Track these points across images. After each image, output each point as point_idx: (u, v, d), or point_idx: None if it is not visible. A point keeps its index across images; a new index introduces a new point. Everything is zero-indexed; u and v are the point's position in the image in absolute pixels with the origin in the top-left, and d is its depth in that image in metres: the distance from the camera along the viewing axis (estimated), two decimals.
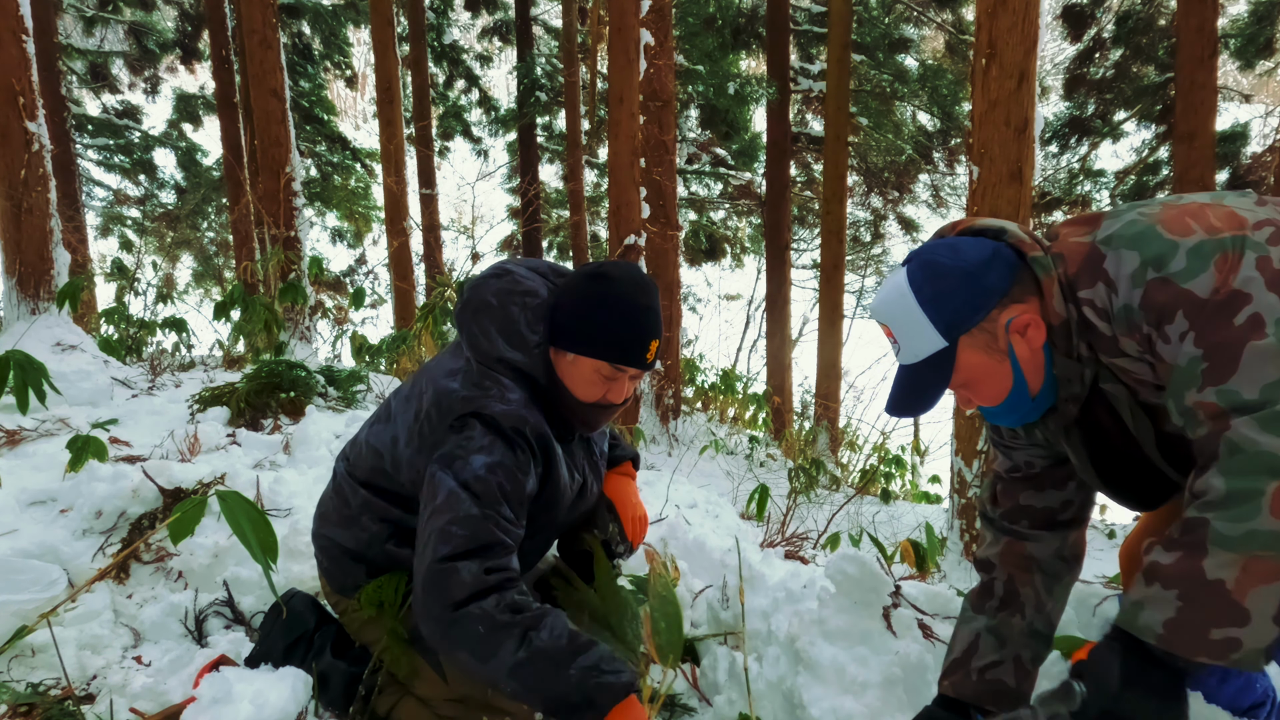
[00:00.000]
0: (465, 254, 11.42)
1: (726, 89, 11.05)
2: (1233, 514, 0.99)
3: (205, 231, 15.03)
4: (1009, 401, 1.26)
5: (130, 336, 5.39)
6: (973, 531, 4.69)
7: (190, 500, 1.55)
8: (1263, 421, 0.99)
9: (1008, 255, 1.23)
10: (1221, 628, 0.99)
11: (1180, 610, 1.02)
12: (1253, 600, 0.97)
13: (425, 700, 1.63)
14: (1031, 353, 1.21)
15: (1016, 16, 4.20)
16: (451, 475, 1.41)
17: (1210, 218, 1.12)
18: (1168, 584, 1.03)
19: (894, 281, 1.26)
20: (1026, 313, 1.20)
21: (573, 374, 1.53)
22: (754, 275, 15.96)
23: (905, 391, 1.27)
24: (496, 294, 1.56)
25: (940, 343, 1.22)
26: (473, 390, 1.49)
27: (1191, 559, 1.01)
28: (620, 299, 1.49)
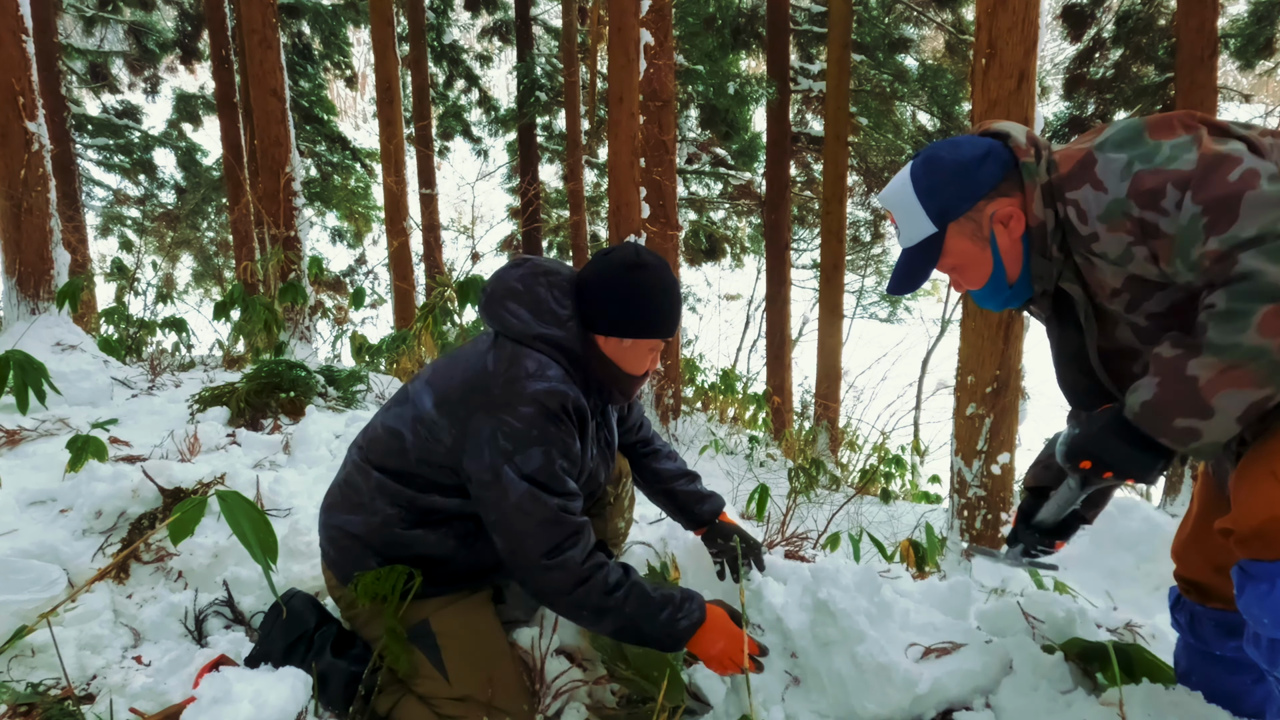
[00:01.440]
0: (465, 254, 11.41)
1: (726, 89, 11.05)
2: (1225, 326, 1.12)
3: (205, 231, 15.03)
4: (990, 286, 1.41)
5: (130, 336, 5.38)
6: (973, 531, 4.69)
7: (190, 500, 1.55)
8: (1268, 253, 1.09)
9: (1002, 154, 1.37)
10: (1185, 418, 1.17)
11: (1155, 395, 1.20)
12: (1220, 400, 1.14)
13: (426, 699, 1.63)
14: (1011, 243, 1.36)
15: (1016, 16, 4.20)
16: (516, 472, 1.51)
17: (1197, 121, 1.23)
18: (1156, 372, 1.21)
19: (900, 173, 1.43)
20: (1010, 206, 1.35)
21: (628, 355, 1.67)
22: (754, 275, 15.95)
23: (901, 272, 1.43)
24: (520, 279, 1.65)
25: (931, 228, 1.38)
26: (510, 369, 1.56)
27: (1182, 357, 1.17)
28: (661, 284, 1.66)
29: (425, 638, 1.65)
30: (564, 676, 1.74)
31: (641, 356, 1.69)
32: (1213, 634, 1.54)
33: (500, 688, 1.62)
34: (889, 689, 1.66)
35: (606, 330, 1.64)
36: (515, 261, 1.71)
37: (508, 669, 1.66)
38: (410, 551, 1.65)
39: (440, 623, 1.66)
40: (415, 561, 1.66)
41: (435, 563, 1.67)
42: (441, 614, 1.67)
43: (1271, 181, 1.12)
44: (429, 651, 1.64)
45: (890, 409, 12.14)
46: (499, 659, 1.67)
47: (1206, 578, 1.52)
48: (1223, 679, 1.56)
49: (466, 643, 1.66)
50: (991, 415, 4.56)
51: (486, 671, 1.63)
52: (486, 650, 1.67)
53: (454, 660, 1.63)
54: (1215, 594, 1.51)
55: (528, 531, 1.51)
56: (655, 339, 1.67)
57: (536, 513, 1.51)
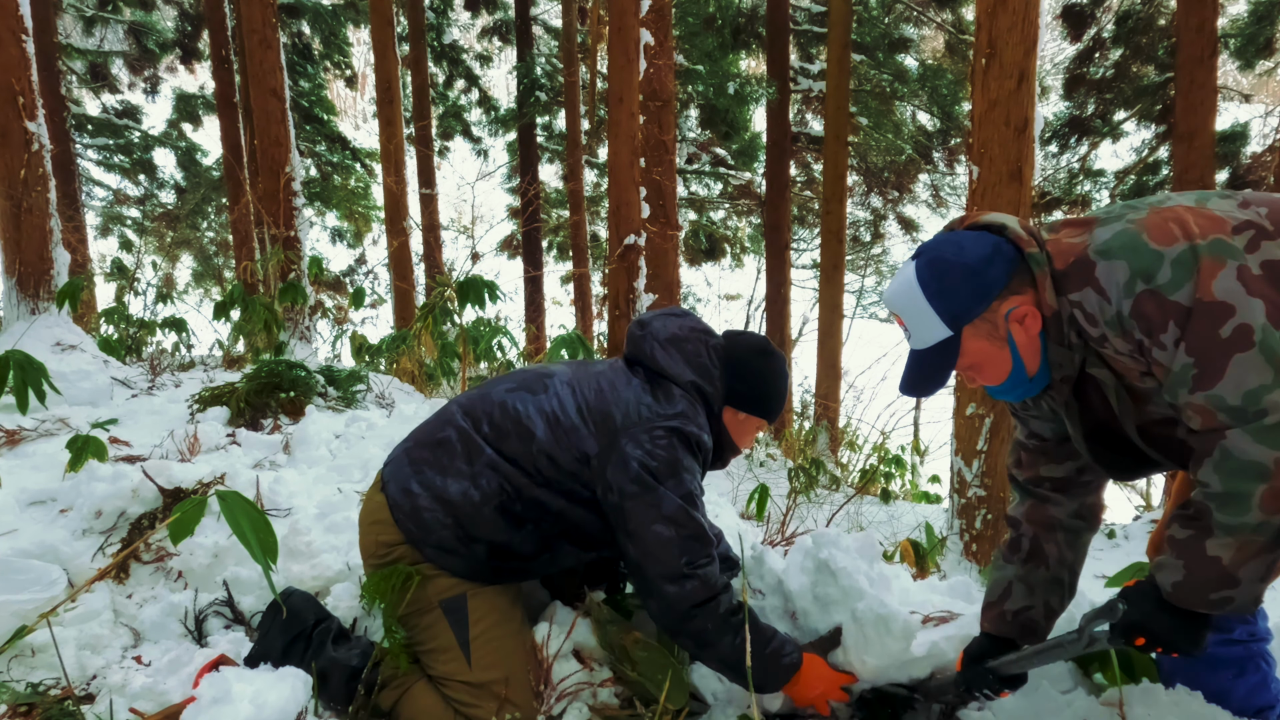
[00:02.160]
0: (465, 254, 11.41)
1: (726, 89, 11.04)
2: (1229, 510, 1.19)
3: (205, 231, 15.02)
4: (1009, 381, 1.41)
5: (130, 336, 5.38)
6: (973, 531, 4.69)
7: (190, 500, 1.55)
8: (1254, 434, 1.15)
9: (1007, 250, 1.35)
10: (1218, 591, 1.23)
11: (1185, 577, 1.25)
12: (1245, 572, 1.21)
13: (442, 679, 1.64)
14: (1029, 339, 1.35)
15: (1016, 16, 4.20)
16: (671, 491, 1.61)
17: (1191, 223, 1.23)
18: (1178, 555, 1.25)
19: (904, 275, 1.40)
20: (1024, 304, 1.33)
21: (741, 429, 1.84)
22: (754, 275, 15.94)
23: (915, 374, 1.41)
24: (682, 329, 1.80)
25: (946, 332, 1.36)
26: (668, 406, 1.68)
27: (1198, 540, 1.23)
28: (785, 373, 1.86)
29: (458, 611, 1.65)
30: (570, 678, 1.74)
31: (749, 433, 1.85)
32: None
33: (514, 684, 1.64)
34: (888, 639, 1.68)
35: (738, 404, 1.80)
36: (678, 311, 1.86)
37: (524, 665, 1.68)
38: (494, 535, 1.65)
39: (476, 600, 1.67)
40: (491, 546, 1.65)
41: (507, 553, 1.67)
42: (480, 591, 1.68)
43: (1263, 335, 1.14)
44: (457, 627, 1.64)
45: (890, 409, 12.12)
46: (519, 653, 1.69)
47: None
48: (1205, 677, 1.58)
49: (495, 628, 1.67)
50: (991, 415, 4.56)
51: (507, 663, 1.65)
52: (511, 641, 1.69)
53: (479, 642, 1.64)
54: None
55: (675, 541, 1.58)
56: (766, 420, 1.84)
57: (688, 525, 1.60)
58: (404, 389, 4.62)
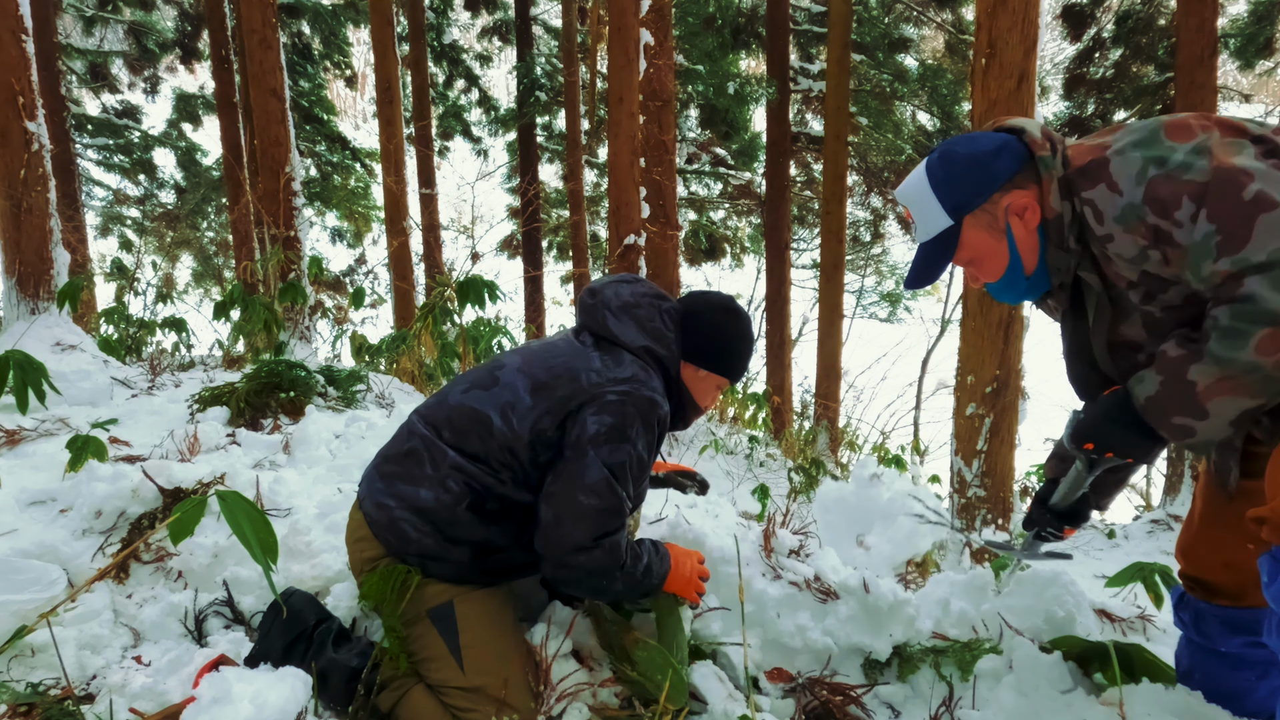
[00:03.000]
0: (465, 254, 11.41)
1: (726, 89, 11.04)
2: (1226, 342, 1.18)
3: (205, 231, 15.03)
4: (1006, 277, 1.43)
5: (130, 336, 5.38)
6: (973, 531, 4.69)
7: (190, 500, 1.55)
8: (1271, 280, 1.14)
9: (1016, 148, 1.39)
10: (1182, 416, 1.25)
11: (1158, 391, 1.27)
12: (1214, 405, 1.21)
13: (438, 686, 1.63)
14: (1027, 233, 1.38)
15: (1016, 16, 4.20)
16: (600, 459, 1.60)
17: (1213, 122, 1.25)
18: (1160, 370, 1.27)
19: (917, 168, 1.45)
20: (1025, 199, 1.37)
21: (701, 387, 1.83)
22: (754, 275, 15.96)
23: (919, 265, 1.45)
24: (634, 294, 1.79)
25: (947, 221, 1.40)
26: (618, 370, 1.67)
27: (1185, 360, 1.24)
28: (748, 334, 1.85)
29: (446, 619, 1.65)
30: (570, 678, 1.74)
31: (710, 392, 1.84)
32: (1218, 631, 1.54)
33: (511, 685, 1.63)
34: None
35: (697, 360, 1.80)
36: (629, 278, 1.83)
37: (520, 666, 1.67)
38: (472, 535, 1.65)
39: (464, 605, 1.66)
40: (473, 546, 1.66)
41: (490, 549, 1.68)
42: (467, 597, 1.67)
43: None
44: (447, 635, 1.64)
45: (890, 409, 12.15)
46: (514, 654, 1.68)
47: (1213, 574, 1.52)
48: (1226, 676, 1.57)
49: (485, 632, 1.66)
50: (991, 415, 4.57)
51: (502, 666, 1.64)
52: (504, 643, 1.68)
53: (471, 648, 1.64)
54: (1221, 591, 1.51)
55: (588, 511, 1.59)
56: (727, 379, 1.83)
57: (605, 499, 1.59)
58: (404, 389, 4.61)
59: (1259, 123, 1.29)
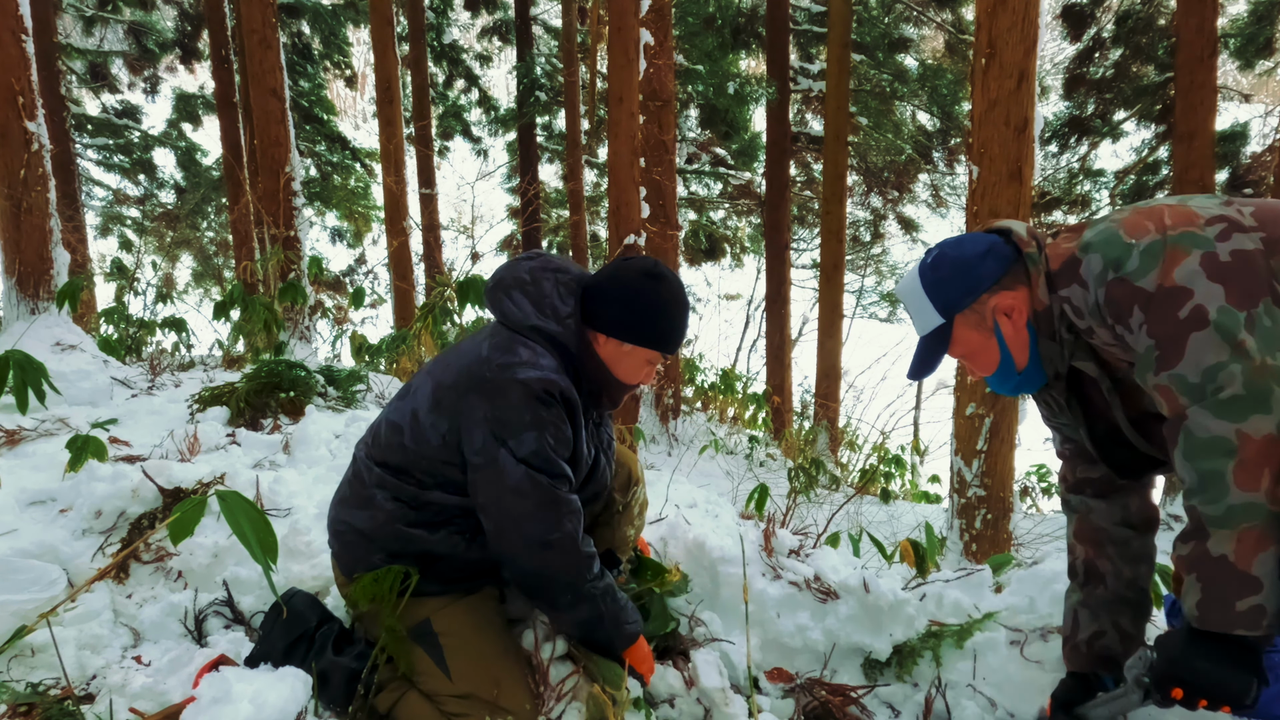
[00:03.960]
0: (465, 254, 11.41)
1: (726, 89, 11.04)
2: (1209, 496, 1.17)
3: (205, 231, 15.03)
4: (999, 372, 1.49)
5: (130, 336, 5.38)
6: (972, 531, 4.69)
7: (190, 500, 1.54)
8: (1212, 408, 1.16)
9: (1003, 250, 1.45)
10: (1243, 599, 1.16)
11: (1204, 591, 1.19)
12: (1258, 567, 1.15)
13: (430, 695, 1.63)
14: (1015, 331, 1.44)
15: (1016, 16, 4.20)
16: (511, 455, 1.52)
17: (1165, 217, 1.29)
18: (1189, 570, 1.21)
19: (911, 269, 1.53)
20: (1013, 299, 1.43)
21: (624, 360, 1.68)
22: (754, 275, 15.96)
23: (918, 359, 1.53)
24: (529, 271, 1.67)
25: (939, 319, 1.47)
26: (504, 356, 1.56)
27: (1199, 544, 1.19)
28: (675, 300, 1.68)
29: (427, 637, 1.65)
30: (569, 679, 1.73)
31: (638, 366, 1.69)
32: None
33: (504, 687, 1.62)
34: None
35: (608, 330, 1.65)
36: (528, 254, 1.72)
37: (511, 667, 1.66)
38: (415, 548, 1.65)
39: (441, 622, 1.66)
40: (420, 558, 1.65)
41: (439, 560, 1.67)
42: (443, 613, 1.67)
43: (1219, 315, 1.18)
44: (431, 650, 1.64)
45: (890, 409, 12.14)
46: (502, 657, 1.67)
47: None
48: None
49: (469, 640, 1.65)
50: (991, 415, 4.56)
51: (490, 669, 1.63)
52: (490, 648, 1.67)
53: (457, 658, 1.63)
54: None
55: (526, 514, 1.54)
56: (656, 351, 1.68)
57: (534, 494, 1.53)
58: None
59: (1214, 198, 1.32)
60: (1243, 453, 1.14)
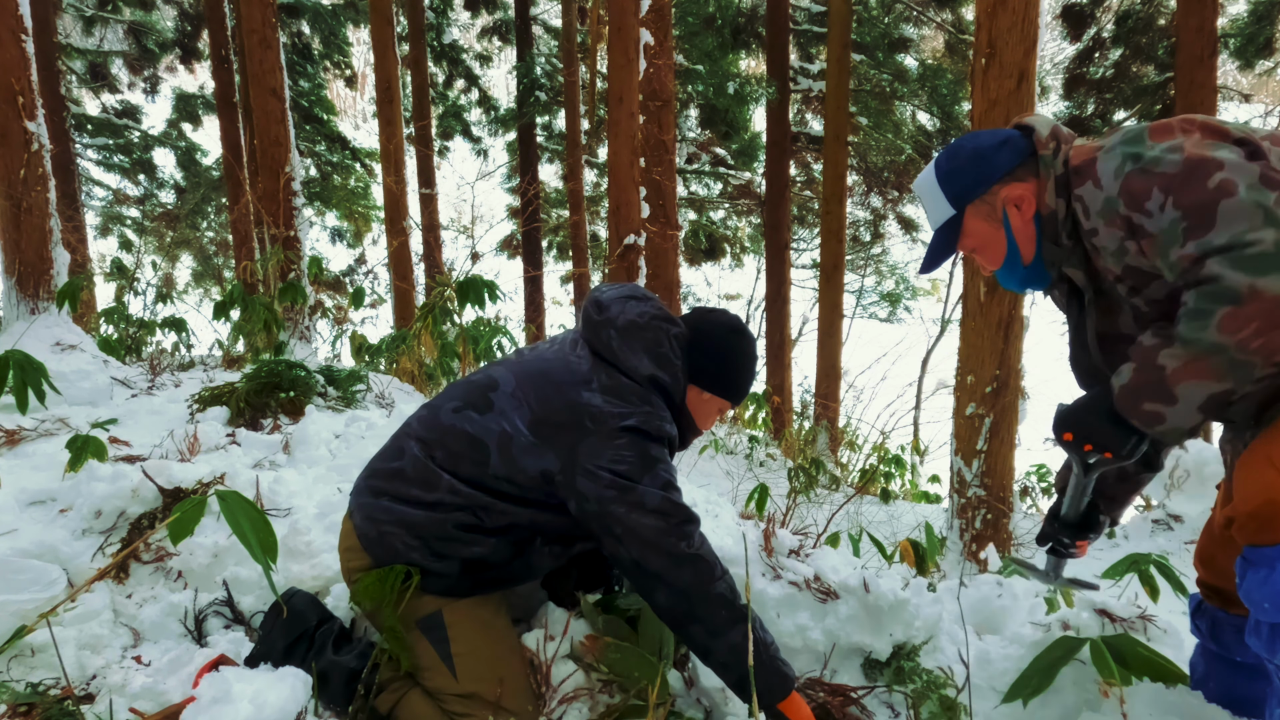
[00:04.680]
0: (465, 254, 11.41)
1: (726, 89, 11.04)
2: (1191, 323, 1.21)
3: (205, 231, 15.03)
4: (1006, 265, 1.51)
5: (130, 336, 5.38)
6: (972, 531, 4.69)
7: (190, 500, 1.55)
8: (1233, 260, 1.17)
9: (1019, 143, 1.46)
10: (1152, 402, 1.27)
11: (1131, 379, 1.30)
12: (1182, 389, 1.23)
13: (434, 693, 1.63)
14: (1023, 223, 1.46)
15: (1016, 16, 4.20)
16: (649, 485, 1.57)
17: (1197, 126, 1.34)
18: (1136, 358, 1.30)
19: (930, 164, 1.54)
20: (1022, 189, 1.44)
21: (703, 409, 1.79)
22: (754, 275, 15.96)
23: (930, 251, 1.55)
24: (642, 316, 1.71)
25: (950, 210, 1.49)
26: (624, 407, 1.62)
27: (1156, 347, 1.27)
28: (753, 356, 1.81)
29: (436, 630, 1.64)
30: (569, 680, 1.73)
31: (711, 414, 1.80)
32: (1235, 640, 1.53)
33: (508, 687, 1.62)
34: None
35: (701, 382, 1.75)
36: (638, 294, 1.77)
37: (515, 667, 1.66)
38: (464, 551, 1.63)
39: (453, 614, 1.65)
40: (464, 563, 1.64)
41: (482, 566, 1.65)
42: (454, 606, 1.66)
43: (1249, 190, 1.17)
44: (438, 644, 1.63)
45: (890, 409, 12.13)
46: (508, 658, 1.67)
47: (1231, 583, 1.51)
48: (1242, 685, 1.56)
49: (476, 638, 1.65)
50: (991, 415, 4.56)
51: (495, 669, 1.63)
52: (496, 648, 1.67)
53: (463, 655, 1.63)
54: (1238, 600, 1.51)
55: (667, 530, 1.55)
56: (730, 402, 1.79)
57: (675, 513, 1.57)
58: (404, 389, 4.61)
59: (1241, 126, 1.33)
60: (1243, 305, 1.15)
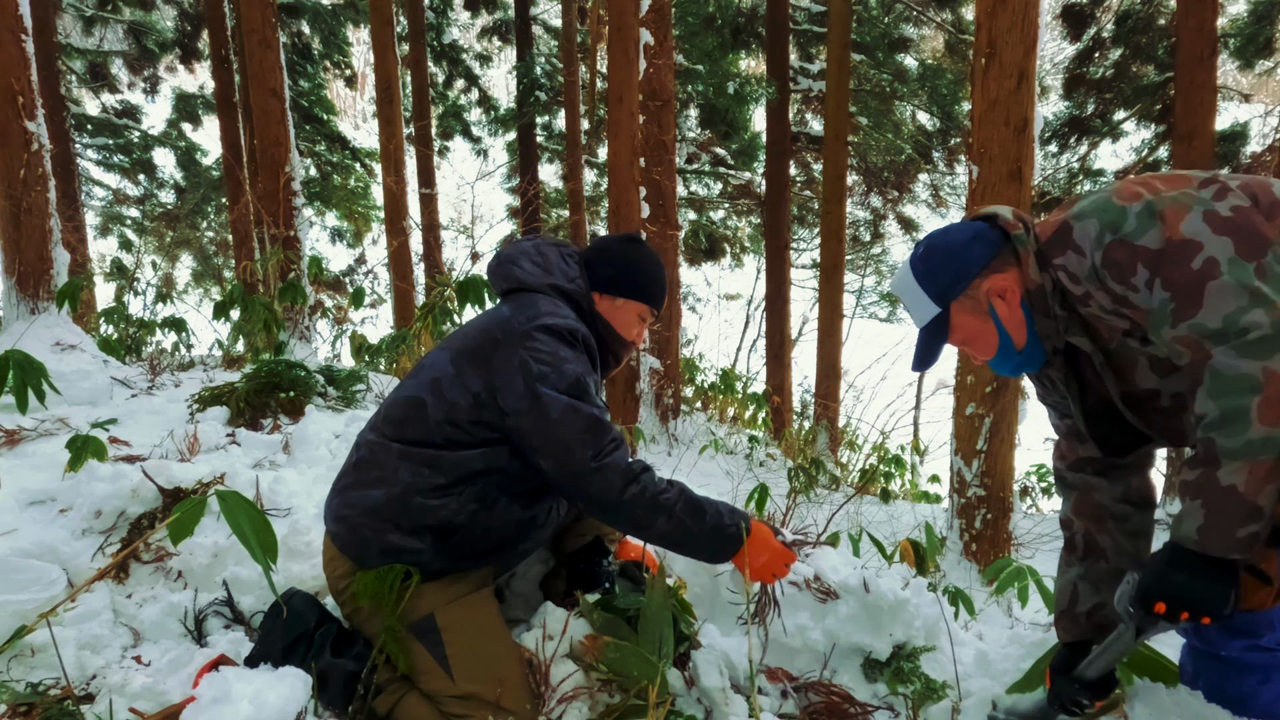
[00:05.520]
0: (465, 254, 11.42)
1: (726, 88, 11.04)
2: (1230, 430, 1.18)
3: (205, 231, 15.03)
4: (1000, 354, 1.51)
5: (130, 336, 5.38)
6: (972, 531, 4.69)
7: (190, 500, 1.55)
8: (1238, 349, 1.18)
9: (989, 234, 1.48)
10: (1245, 526, 1.19)
11: (1207, 516, 1.21)
12: (1263, 498, 1.18)
13: (432, 696, 1.63)
14: (1010, 311, 1.46)
15: (1016, 16, 4.20)
16: (552, 389, 1.61)
17: (1157, 183, 1.32)
18: (1194, 496, 1.23)
19: (903, 264, 1.56)
20: (1004, 280, 1.45)
21: (619, 316, 1.87)
22: (754, 275, 15.95)
23: (918, 351, 1.55)
24: (533, 244, 1.87)
25: (935, 309, 1.49)
26: (527, 310, 1.70)
27: (1209, 472, 1.21)
28: (655, 259, 1.93)
29: (430, 633, 1.64)
30: (569, 679, 1.73)
31: (631, 320, 1.88)
32: (1217, 635, 1.55)
33: (506, 687, 1.62)
34: None
35: (604, 287, 1.85)
36: (530, 237, 1.91)
37: (513, 668, 1.66)
38: (430, 519, 1.65)
39: (446, 617, 1.65)
40: (435, 531, 1.65)
41: (455, 531, 1.67)
42: (448, 609, 1.67)
43: (1230, 267, 1.20)
44: (433, 648, 1.63)
45: (890, 409, 12.13)
46: (504, 657, 1.67)
47: None
48: (1230, 681, 1.57)
49: (472, 639, 1.65)
50: (991, 415, 4.56)
51: (493, 669, 1.63)
52: (492, 648, 1.67)
53: (459, 657, 1.63)
54: None
55: (573, 439, 1.60)
56: (644, 304, 1.88)
57: (579, 421, 1.60)
58: None
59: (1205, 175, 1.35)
60: (1268, 389, 1.15)
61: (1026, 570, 2.31)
